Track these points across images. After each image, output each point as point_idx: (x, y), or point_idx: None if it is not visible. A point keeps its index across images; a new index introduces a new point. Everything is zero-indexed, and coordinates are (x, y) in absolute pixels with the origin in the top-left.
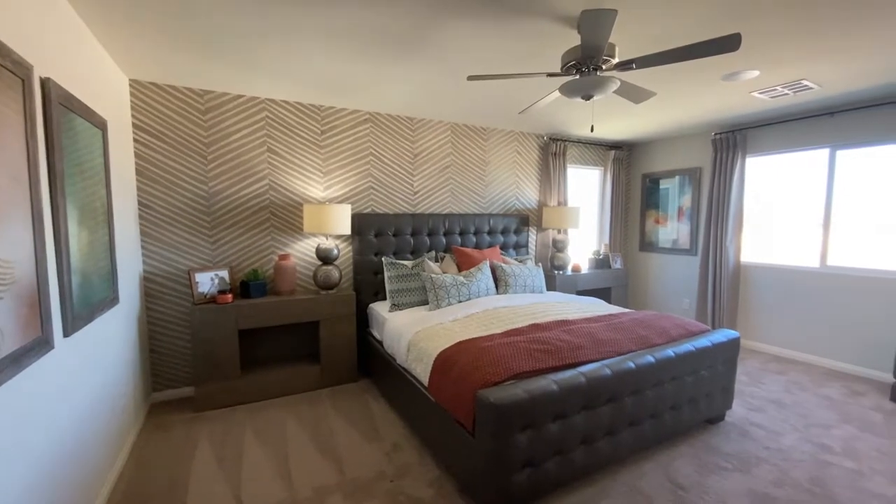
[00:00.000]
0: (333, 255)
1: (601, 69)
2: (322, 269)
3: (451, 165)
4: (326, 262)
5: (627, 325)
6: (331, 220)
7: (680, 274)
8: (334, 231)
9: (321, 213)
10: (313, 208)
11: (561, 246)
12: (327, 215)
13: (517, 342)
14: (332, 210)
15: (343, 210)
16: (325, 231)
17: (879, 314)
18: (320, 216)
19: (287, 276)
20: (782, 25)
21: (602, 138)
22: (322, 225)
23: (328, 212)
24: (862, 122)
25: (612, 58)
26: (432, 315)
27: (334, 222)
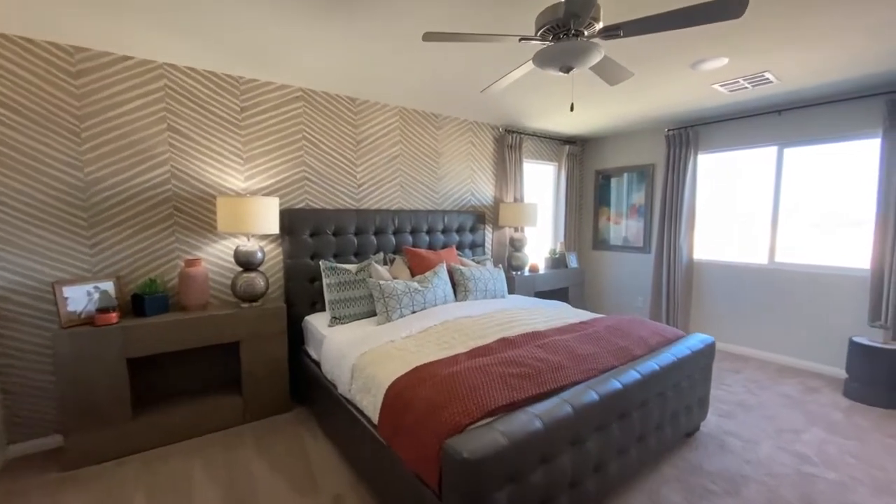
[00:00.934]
0: (257, 260)
1: (583, 35)
2: (243, 276)
3: (401, 155)
4: (248, 268)
5: (603, 334)
6: (253, 216)
7: (633, 272)
8: (258, 230)
9: (241, 209)
10: (230, 202)
11: (519, 245)
12: (248, 211)
13: (487, 365)
14: (255, 204)
15: (269, 204)
16: (246, 230)
17: (827, 310)
18: (239, 212)
19: (197, 287)
20: (761, 11)
21: (558, 132)
22: (242, 223)
23: (250, 206)
24: (808, 120)
25: (597, 21)
26: (381, 330)
27: (258, 219)
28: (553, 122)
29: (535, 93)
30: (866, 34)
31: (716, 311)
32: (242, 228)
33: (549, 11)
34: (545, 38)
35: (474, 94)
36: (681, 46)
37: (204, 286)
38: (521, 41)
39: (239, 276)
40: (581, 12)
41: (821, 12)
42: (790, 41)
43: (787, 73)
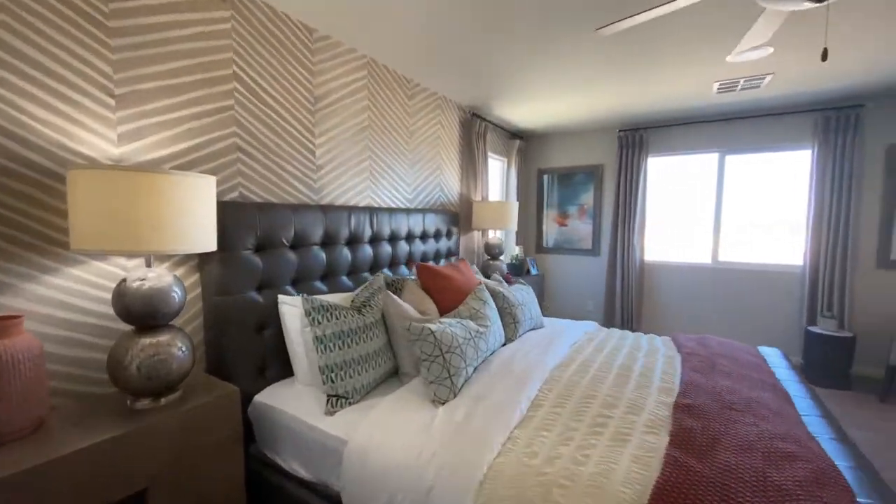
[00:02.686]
0: (173, 307)
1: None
2: (143, 345)
3: (370, 128)
4: (153, 325)
5: (739, 375)
6: (169, 215)
7: (582, 275)
8: (177, 244)
9: (135, 199)
10: (105, 182)
11: (497, 252)
12: (159, 203)
13: (748, 469)
14: (176, 188)
15: (200, 189)
16: (148, 246)
17: (767, 303)
18: (134, 206)
19: (16, 384)
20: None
21: (510, 123)
22: (140, 229)
23: (162, 194)
24: (747, 130)
25: None
26: (451, 415)
27: (179, 220)
28: (504, 113)
29: (537, 64)
30: (800, 62)
31: (665, 310)
32: (141, 244)
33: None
34: None
35: (464, 47)
36: (682, 40)
37: (34, 380)
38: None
39: (133, 343)
40: None
41: None
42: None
43: (782, 77)
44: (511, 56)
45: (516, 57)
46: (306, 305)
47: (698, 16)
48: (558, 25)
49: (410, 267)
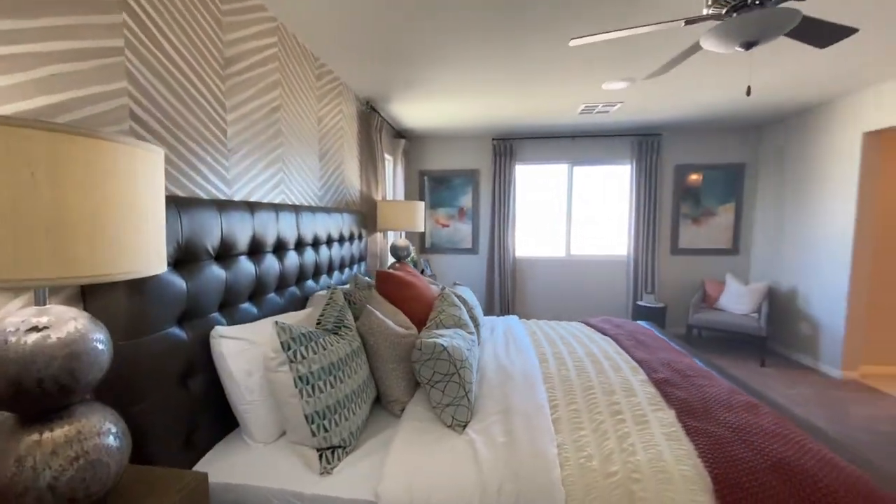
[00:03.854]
0: (99, 369)
1: (769, 1)
2: (51, 443)
3: (283, 108)
4: (57, 404)
5: (630, 338)
6: (96, 210)
7: (464, 273)
8: (112, 265)
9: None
10: None
11: (405, 254)
12: (64, 192)
13: (743, 427)
14: (102, 162)
15: (147, 166)
16: (49, 272)
17: (606, 287)
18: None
19: None
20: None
21: (396, 121)
22: (29, 245)
23: (62, 170)
24: (590, 147)
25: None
26: (486, 433)
27: (120, 224)
28: (405, 109)
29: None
30: (641, 97)
31: (533, 298)
32: (40, 268)
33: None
34: (717, 14)
35: (374, 29)
36: (570, 67)
37: None
38: (687, 24)
39: (28, 444)
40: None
41: None
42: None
43: (636, 105)
44: (421, 49)
45: (426, 51)
46: (283, 336)
47: (588, 49)
48: (469, 29)
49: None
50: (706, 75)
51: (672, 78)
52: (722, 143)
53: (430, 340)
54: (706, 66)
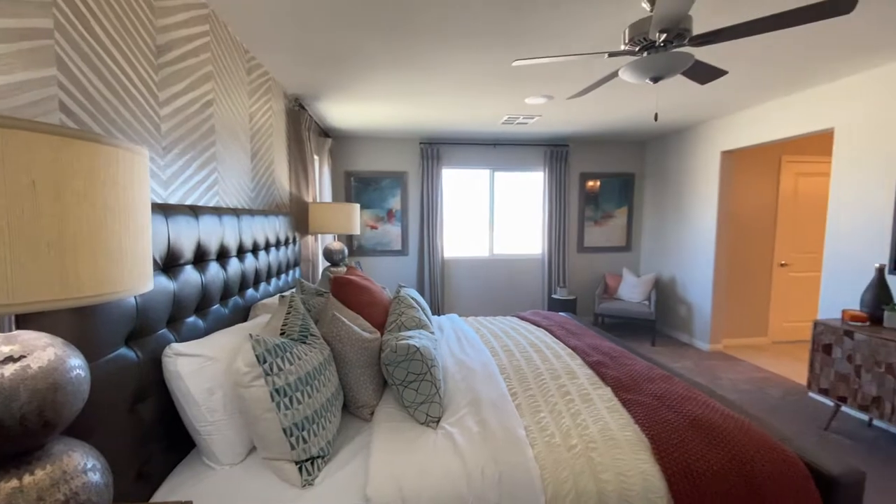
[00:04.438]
0: (79, 401)
1: (672, 44)
2: (35, 489)
3: (217, 102)
4: (29, 444)
5: (561, 329)
6: (89, 223)
7: (395, 274)
8: (104, 284)
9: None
10: None
11: (339, 257)
12: (57, 202)
13: (665, 395)
14: (91, 167)
15: (134, 170)
16: (25, 296)
17: (524, 283)
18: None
19: None
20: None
21: (323, 120)
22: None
23: (55, 179)
24: (509, 154)
25: (689, 30)
26: (461, 425)
27: (113, 239)
28: (333, 109)
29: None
30: (557, 112)
31: (460, 296)
32: (25, 289)
33: (639, 26)
34: (633, 48)
35: (309, 23)
36: (499, 80)
37: None
38: (610, 56)
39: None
40: (673, 27)
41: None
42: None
43: (556, 118)
44: (353, 52)
45: (358, 54)
46: (259, 349)
47: (521, 66)
48: (402, 39)
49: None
50: (610, 97)
51: (584, 97)
52: (616, 155)
53: (404, 342)
54: (611, 90)
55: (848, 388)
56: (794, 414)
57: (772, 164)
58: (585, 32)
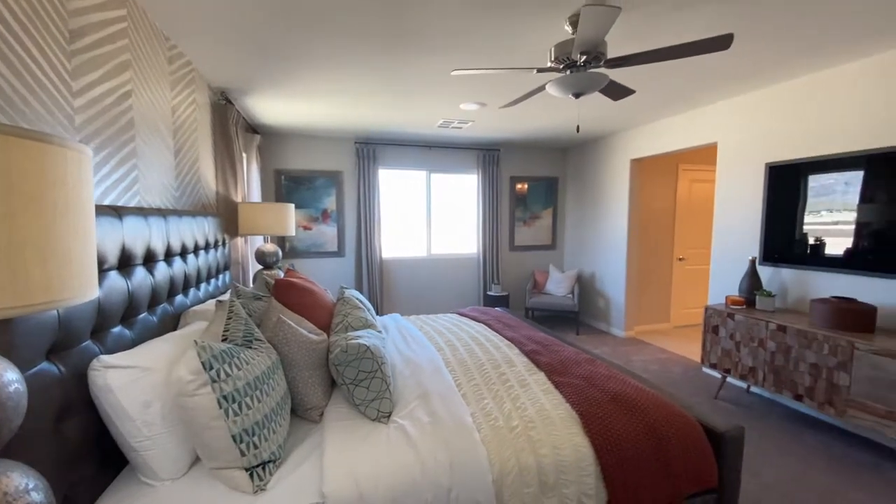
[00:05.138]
0: (19, 415)
1: (591, 65)
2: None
3: (135, 93)
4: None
5: (498, 323)
6: (44, 226)
7: (331, 276)
8: (53, 290)
9: None
10: None
11: (273, 260)
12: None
13: (592, 377)
14: (36, 167)
15: (78, 170)
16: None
17: (461, 282)
18: None
19: None
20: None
21: (251, 115)
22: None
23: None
24: (444, 157)
25: (605, 54)
26: (412, 417)
27: (61, 243)
28: (262, 104)
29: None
30: (489, 119)
31: (399, 296)
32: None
33: (563, 46)
34: (557, 66)
35: (236, 9)
36: (437, 88)
37: None
38: (538, 72)
39: None
40: (591, 50)
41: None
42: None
43: (487, 125)
44: (286, 47)
45: (292, 50)
46: (205, 355)
47: (463, 79)
48: (338, 37)
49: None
50: (537, 108)
51: (514, 107)
52: (542, 161)
53: (355, 342)
54: (538, 102)
55: (731, 362)
56: (692, 386)
57: (671, 171)
58: (517, 48)
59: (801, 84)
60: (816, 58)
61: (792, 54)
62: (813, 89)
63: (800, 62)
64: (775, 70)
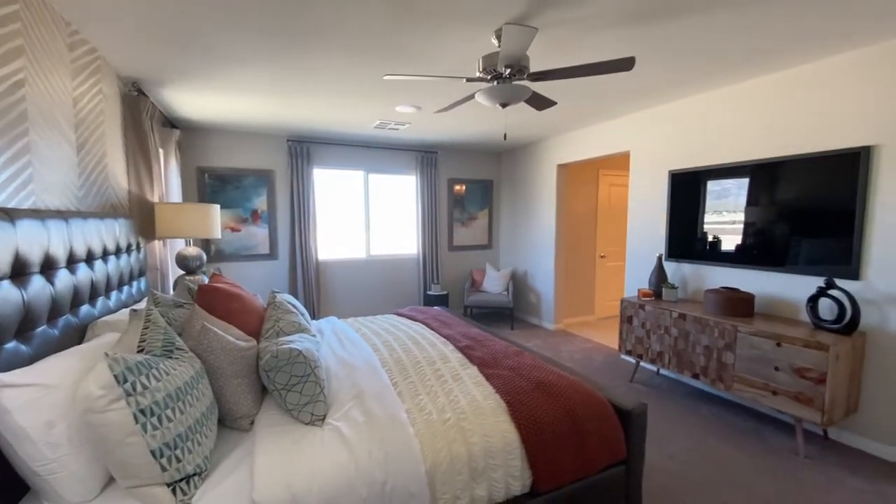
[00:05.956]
0: None
1: (515, 78)
2: None
3: (29, 83)
4: None
5: (434, 321)
6: None
7: (264, 280)
8: None
9: None
10: None
11: (197, 265)
12: None
13: (521, 367)
14: None
15: None
16: None
17: (401, 282)
18: None
19: None
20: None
21: (168, 108)
22: None
23: None
24: (382, 157)
25: (528, 68)
26: (346, 418)
27: None
28: (181, 97)
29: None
30: (426, 122)
31: (337, 298)
32: None
33: (490, 58)
34: (484, 77)
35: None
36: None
37: None
38: (468, 81)
39: None
40: (515, 64)
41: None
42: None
43: (424, 128)
44: (204, 37)
45: (210, 41)
46: (117, 368)
47: (398, 82)
48: (261, 32)
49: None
50: (470, 114)
51: (449, 112)
52: (478, 164)
53: (286, 347)
54: (471, 108)
55: (643, 348)
56: (611, 371)
57: (593, 176)
58: (448, 56)
59: (697, 101)
60: (708, 80)
61: (688, 76)
62: (706, 106)
63: (694, 83)
64: (675, 89)
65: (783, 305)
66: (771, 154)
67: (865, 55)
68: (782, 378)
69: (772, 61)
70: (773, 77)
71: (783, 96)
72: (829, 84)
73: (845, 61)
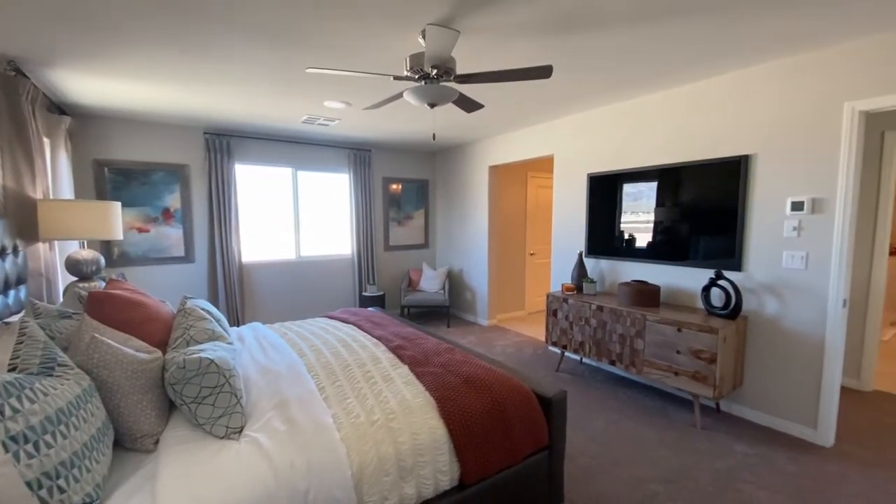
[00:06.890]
0: None
1: (442, 79)
2: None
3: None
4: None
5: (367, 322)
6: None
7: (178, 284)
8: None
9: None
10: None
11: (93, 270)
12: None
13: (451, 364)
14: None
15: None
16: None
17: (334, 284)
18: None
19: None
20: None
21: (57, 92)
22: None
23: None
24: (312, 154)
25: (454, 70)
26: (266, 428)
27: None
28: (73, 80)
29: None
30: (357, 119)
31: (265, 301)
32: None
33: (417, 58)
34: (411, 76)
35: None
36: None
37: None
38: (395, 79)
39: None
40: (441, 65)
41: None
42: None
43: (355, 124)
44: (88, 7)
45: (95, 11)
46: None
47: (325, 77)
48: (164, 17)
49: None
50: (401, 113)
51: (379, 110)
52: (412, 163)
53: (195, 357)
54: (401, 107)
55: (567, 339)
56: (539, 363)
57: (522, 177)
58: (375, 53)
59: (613, 110)
60: (621, 91)
61: (601, 86)
62: (621, 115)
63: (609, 93)
64: (593, 97)
65: (684, 295)
66: (675, 160)
67: (744, 75)
68: (682, 360)
69: (674, 77)
70: (677, 91)
71: (686, 108)
72: (719, 99)
73: (728, 81)
